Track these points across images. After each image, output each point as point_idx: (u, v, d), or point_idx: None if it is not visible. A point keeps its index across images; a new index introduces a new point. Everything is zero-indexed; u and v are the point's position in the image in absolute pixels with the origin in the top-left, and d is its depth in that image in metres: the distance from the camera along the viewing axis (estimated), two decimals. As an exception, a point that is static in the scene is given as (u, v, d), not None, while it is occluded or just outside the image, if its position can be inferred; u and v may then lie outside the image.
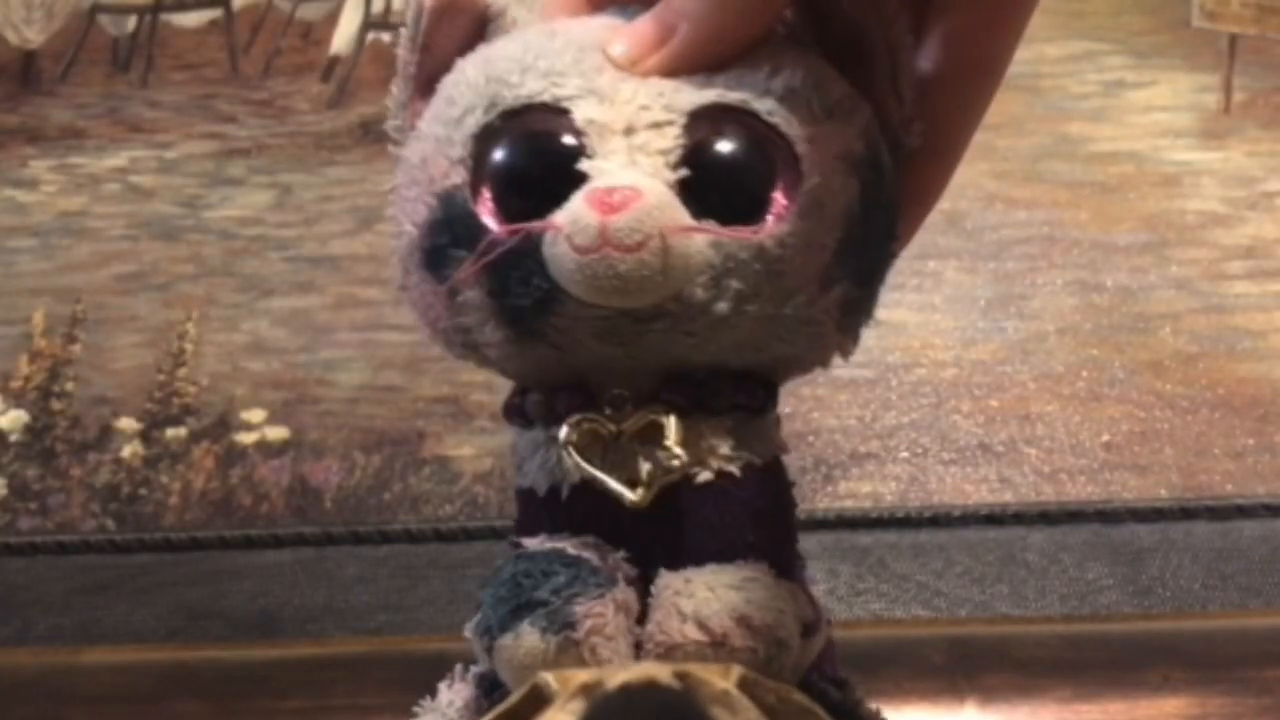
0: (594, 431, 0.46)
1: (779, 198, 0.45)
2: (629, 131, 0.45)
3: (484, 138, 0.46)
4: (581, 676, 0.40)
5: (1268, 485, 1.01)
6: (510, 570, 0.45)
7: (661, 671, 0.40)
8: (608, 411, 0.46)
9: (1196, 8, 1.09)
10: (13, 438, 1.07)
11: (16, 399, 1.08)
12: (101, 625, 1.00)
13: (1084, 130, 1.08)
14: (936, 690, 0.91)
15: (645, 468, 0.45)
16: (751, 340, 0.46)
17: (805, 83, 0.46)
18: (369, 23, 1.14)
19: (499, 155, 0.46)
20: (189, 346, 1.08)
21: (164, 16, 1.15)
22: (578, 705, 0.40)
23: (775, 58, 0.47)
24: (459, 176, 0.46)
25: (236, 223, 1.11)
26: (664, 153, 0.45)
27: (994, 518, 1.01)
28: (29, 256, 1.11)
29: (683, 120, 0.45)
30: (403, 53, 0.49)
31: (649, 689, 0.40)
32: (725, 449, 0.46)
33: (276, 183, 1.11)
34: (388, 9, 1.13)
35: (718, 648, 0.43)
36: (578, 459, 0.45)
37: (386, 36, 1.13)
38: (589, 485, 0.45)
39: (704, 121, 0.46)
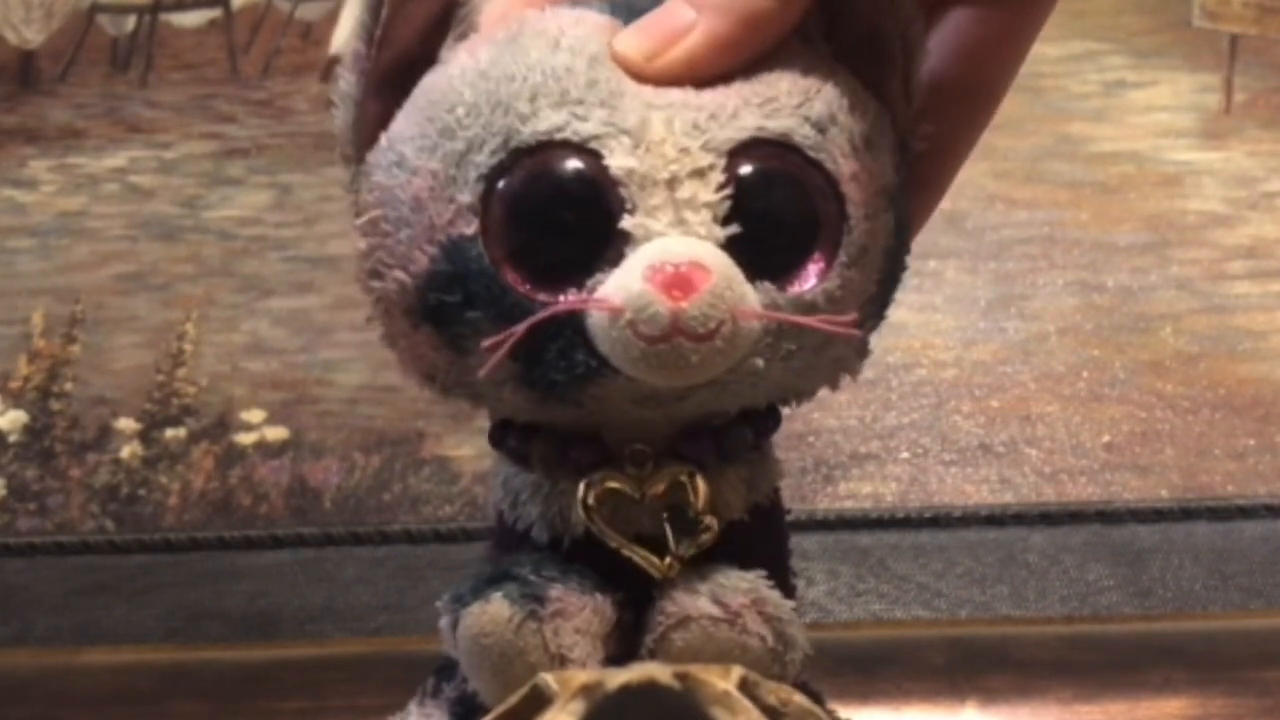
0: (614, 490, 0.43)
1: (824, 245, 0.42)
2: (673, 183, 0.41)
3: (495, 179, 0.41)
4: (581, 677, 0.40)
5: (1269, 486, 1.01)
6: (489, 566, 0.43)
7: (662, 672, 0.40)
8: (627, 469, 0.43)
9: (1197, 8, 1.09)
10: (11, 438, 1.07)
11: (15, 399, 1.08)
12: (100, 626, 1.00)
13: (1085, 130, 1.08)
14: (937, 691, 0.91)
15: (673, 536, 0.43)
16: (785, 386, 0.44)
17: (844, 108, 0.43)
18: (369, 23, 1.14)
19: (520, 204, 0.41)
20: (188, 347, 1.08)
21: (163, 16, 1.15)
22: (578, 706, 0.40)
23: (805, 74, 0.43)
24: (469, 225, 0.41)
25: (236, 223, 1.11)
26: (711, 206, 0.41)
27: (994, 518, 1.01)
28: (28, 257, 1.11)
29: (724, 162, 0.41)
30: (357, 46, 0.45)
31: (649, 690, 0.40)
32: (741, 500, 0.44)
33: (276, 183, 1.11)
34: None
35: (730, 624, 0.41)
36: (604, 528, 0.43)
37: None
38: (594, 538, 0.43)
39: (745, 161, 0.42)
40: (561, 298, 0.41)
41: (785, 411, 0.46)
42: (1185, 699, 0.91)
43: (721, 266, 0.40)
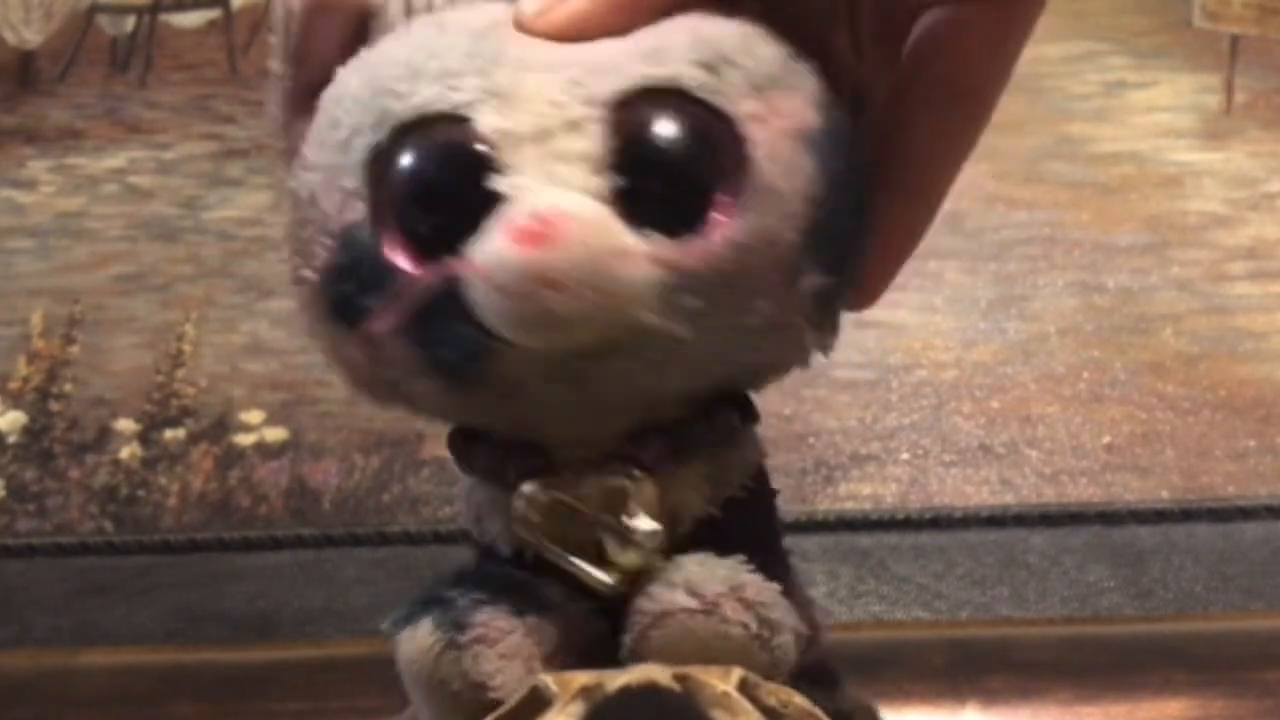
0: (555, 499, 0.41)
1: (725, 192, 0.40)
2: (542, 137, 0.39)
3: (378, 161, 0.40)
4: (581, 679, 0.40)
5: (1269, 486, 1.00)
6: (449, 575, 0.42)
7: (661, 674, 0.40)
8: (567, 477, 0.41)
9: (1198, 8, 1.09)
10: (11, 439, 1.07)
11: (15, 400, 1.08)
12: (100, 627, 1.00)
13: (1085, 131, 1.08)
14: (937, 692, 0.91)
15: (613, 549, 0.41)
16: (717, 356, 0.41)
17: (741, 50, 0.41)
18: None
19: (398, 181, 0.40)
20: (187, 348, 1.08)
21: (162, 17, 1.15)
22: (577, 708, 0.39)
23: (700, 23, 0.41)
24: (356, 211, 0.40)
25: (235, 223, 1.10)
26: (586, 157, 0.39)
27: (995, 519, 1.00)
28: (27, 257, 1.11)
29: (603, 113, 0.40)
30: (275, 65, 0.43)
31: (649, 691, 0.40)
32: (702, 498, 0.42)
33: (275, 183, 1.11)
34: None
35: (708, 615, 0.40)
36: (543, 541, 0.41)
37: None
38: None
39: (629, 111, 0.40)
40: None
41: (785, 413, 0.45)
42: (1186, 700, 0.91)
43: (586, 214, 0.38)
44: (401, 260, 0.40)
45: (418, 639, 0.40)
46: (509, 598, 0.41)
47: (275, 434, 1.05)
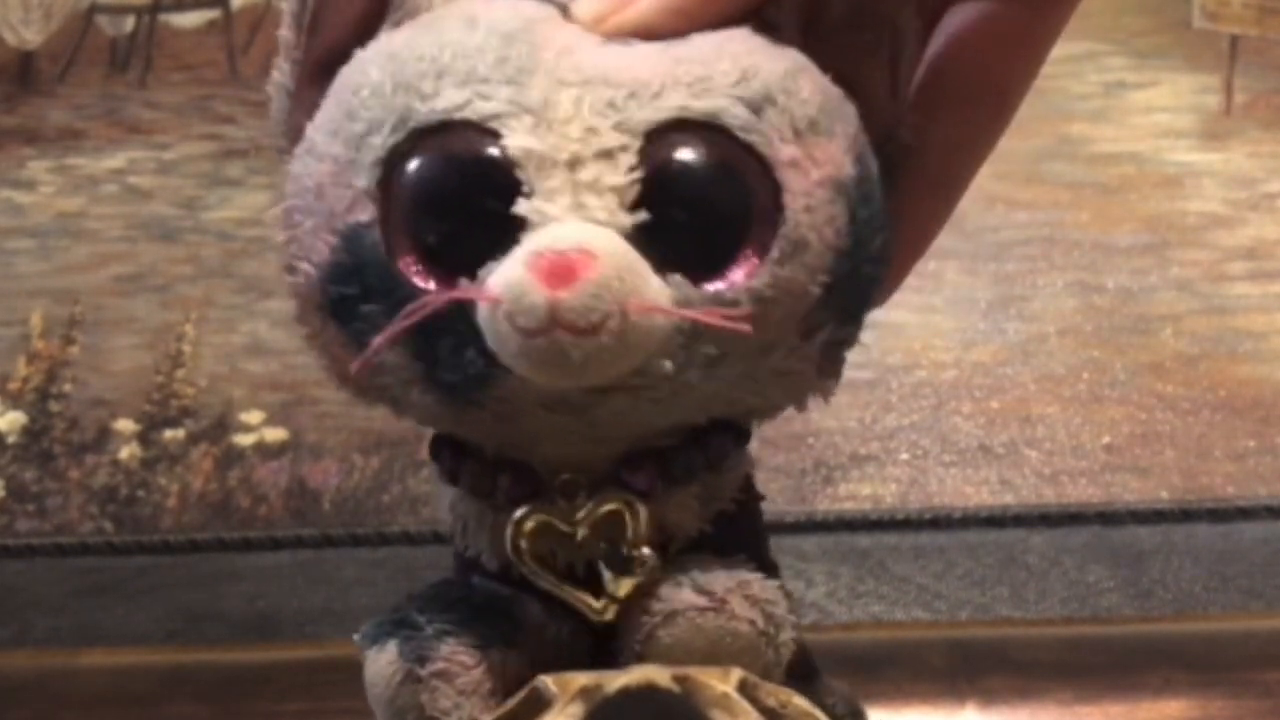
0: (545, 525, 0.40)
1: (755, 238, 0.38)
2: (574, 164, 0.38)
3: (394, 163, 0.39)
4: (581, 680, 0.40)
5: (1269, 487, 1.00)
6: (426, 590, 0.41)
7: (661, 675, 0.40)
8: (559, 501, 0.40)
9: (1197, 8, 1.09)
10: (10, 439, 1.07)
11: (14, 400, 1.08)
12: (100, 627, 1.00)
13: (1085, 131, 1.08)
14: (937, 693, 0.91)
15: (608, 574, 0.40)
16: (721, 398, 0.40)
17: (787, 90, 0.39)
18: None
19: (415, 189, 0.38)
20: (187, 348, 1.08)
21: (162, 17, 1.15)
22: (577, 709, 0.39)
23: (748, 53, 0.39)
24: (365, 212, 0.39)
25: (235, 224, 1.10)
26: (618, 190, 0.38)
27: (994, 520, 1.00)
28: (27, 258, 1.11)
29: (638, 144, 0.38)
30: (286, 34, 0.42)
31: (649, 692, 0.40)
32: (694, 518, 0.41)
33: (275, 184, 1.10)
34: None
35: (717, 612, 0.39)
36: (534, 567, 0.40)
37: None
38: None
39: (664, 144, 0.38)
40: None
41: (785, 413, 0.43)
42: (1185, 700, 0.91)
43: (613, 255, 0.37)
44: (411, 272, 0.38)
45: (381, 663, 0.40)
46: (479, 625, 0.40)
47: (275, 434, 1.05)
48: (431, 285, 0.38)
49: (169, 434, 1.06)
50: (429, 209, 0.39)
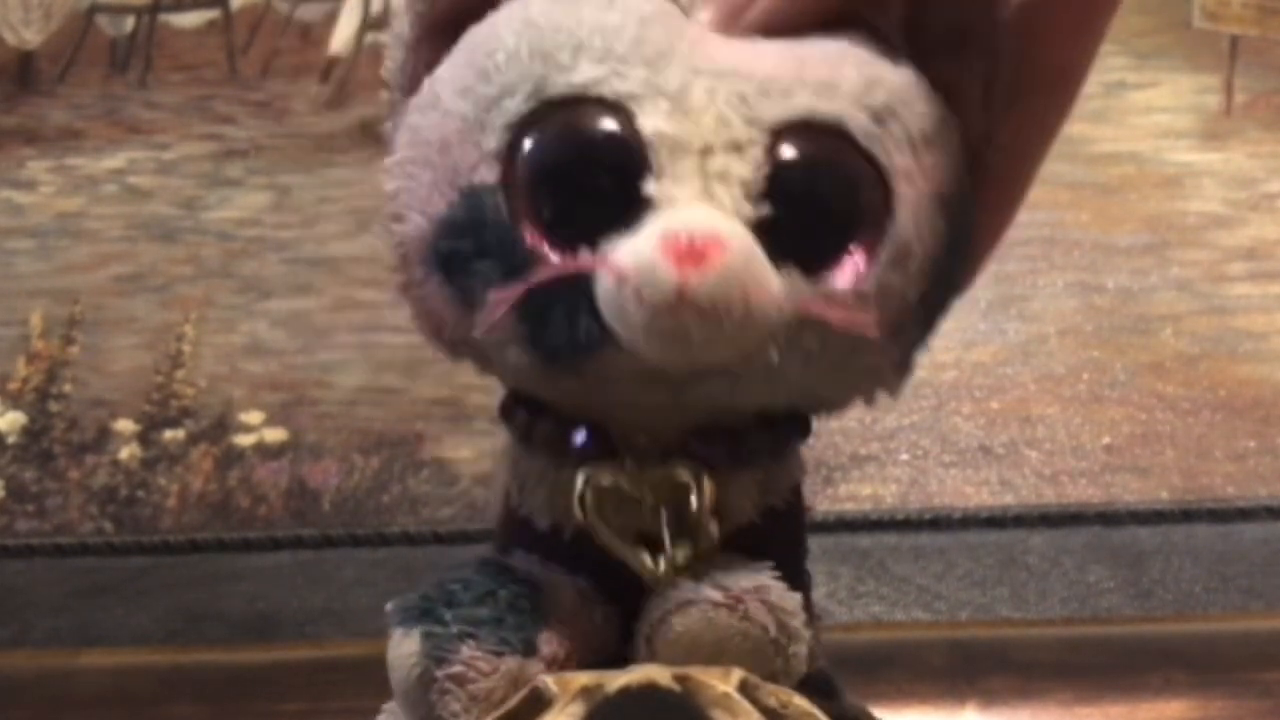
0: (613, 486, 0.41)
1: (865, 242, 0.40)
2: (706, 152, 0.39)
3: (524, 129, 0.40)
4: (582, 679, 0.40)
5: (1269, 487, 1.00)
6: (461, 575, 0.42)
7: (662, 674, 0.40)
8: (628, 464, 0.41)
9: (1198, 9, 1.09)
10: (10, 440, 1.07)
11: (14, 401, 1.08)
12: (99, 628, 0.99)
13: (1085, 131, 1.08)
14: (937, 693, 0.91)
15: (670, 541, 0.40)
16: (807, 390, 0.41)
17: (907, 103, 0.41)
18: (368, 24, 1.14)
19: (544, 156, 0.39)
20: (187, 348, 1.08)
21: (162, 17, 1.15)
22: (577, 708, 0.39)
23: (872, 63, 0.41)
24: (490, 173, 0.40)
25: (235, 224, 1.10)
26: (744, 183, 0.39)
27: (995, 520, 1.00)
28: (27, 258, 1.11)
29: (765, 140, 0.39)
30: None
31: (649, 692, 0.40)
32: (752, 504, 0.42)
33: (275, 184, 1.11)
34: (386, 10, 1.13)
35: (731, 610, 0.40)
36: (598, 523, 0.41)
37: (386, 38, 1.13)
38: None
39: (790, 142, 0.39)
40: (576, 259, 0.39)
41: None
42: (1185, 701, 0.91)
43: (741, 244, 0.38)
44: (532, 238, 0.39)
45: (404, 651, 0.41)
46: (502, 627, 0.41)
47: (275, 435, 1.05)
48: (546, 251, 0.39)
49: (169, 434, 1.06)
50: (555, 178, 0.40)
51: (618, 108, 0.39)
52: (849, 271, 0.40)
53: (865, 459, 1.02)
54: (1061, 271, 1.06)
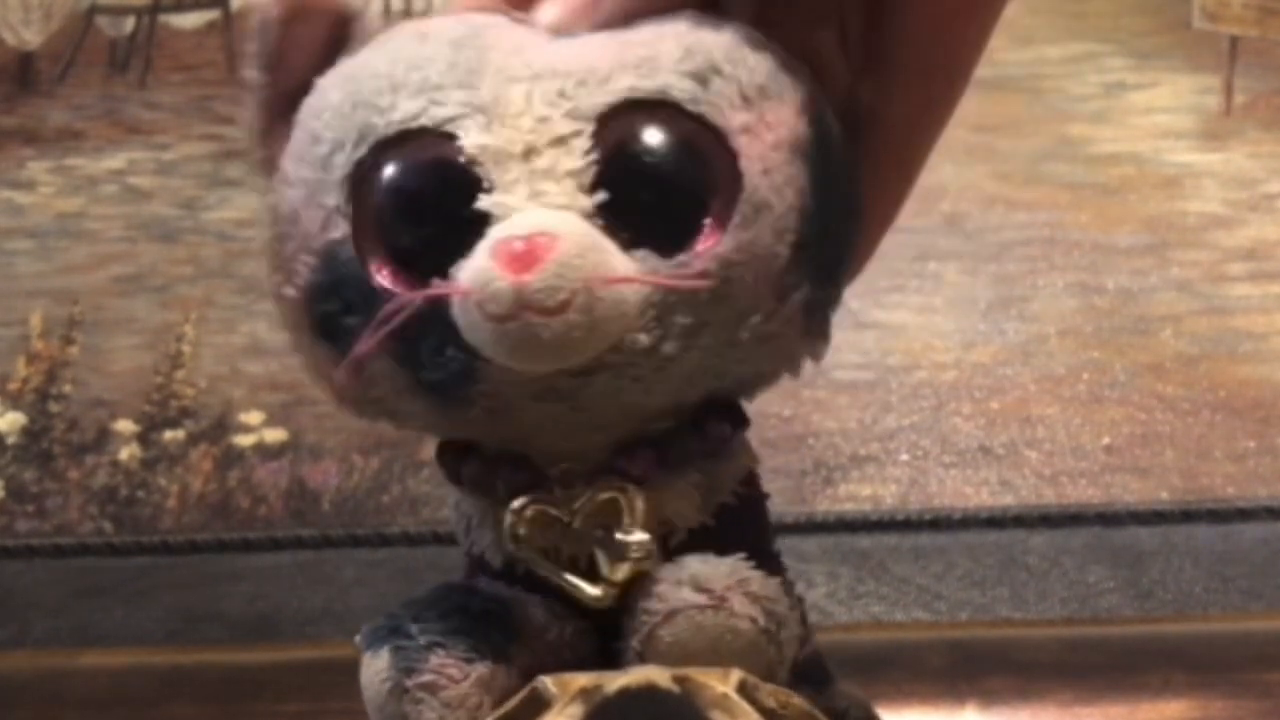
0: (541, 514, 0.41)
1: (716, 206, 0.39)
2: (529, 154, 0.39)
3: (359, 177, 0.40)
4: (580, 680, 0.40)
5: (1269, 488, 1.01)
6: (427, 595, 0.42)
7: (660, 675, 0.40)
8: (557, 491, 0.41)
9: (1197, 9, 1.09)
10: (10, 440, 1.07)
11: (14, 401, 1.08)
12: (99, 628, 1.00)
13: (1085, 132, 1.08)
14: (937, 693, 0.91)
15: (604, 560, 0.40)
16: (707, 370, 0.40)
17: (731, 59, 0.40)
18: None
19: (382, 198, 0.39)
20: (187, 348, 1.08)
21: (162, 18, 1.15)
22: (576, 709, 0.39)
23: (690, 30, 0.41)
24: (338, 229, 0.40)
25: (235, 224, 1.10)
26: (575, 174, 0.39)
27: (994, 520, 1.01)
28: (26, 258, 1.11)
29: (591, 128, 0.39)
30: (251, 75, 0.42)
31: (648, 693, 0.40)
32: (695, 508, 0.42)
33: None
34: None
35: (717, 610, 0.39)
36: (531, 555, 0.41)
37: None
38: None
39: (617, 124, 0.39)
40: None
41: (785, 414, 0.44)
42: (1185, 701, 0.91)
43: (573, 235, 0.38)
44: (386, 279, 0.39)
45: (374, 669, 0.41)
46: (472, 637, 0.40)
47: (275, 435, 1.05)
48: (405, 292, 0.39)
49: (169, 434, 1.06)
50: (397, 216, 0.40)
51: (441, 134, 0.39)
52: (705, 238, 0.39)
53: (865, 459, 1.03)
54: (1061, 272, 1.06)
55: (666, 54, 0.40)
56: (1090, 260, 1.06)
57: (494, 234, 0.38)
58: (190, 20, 1.15)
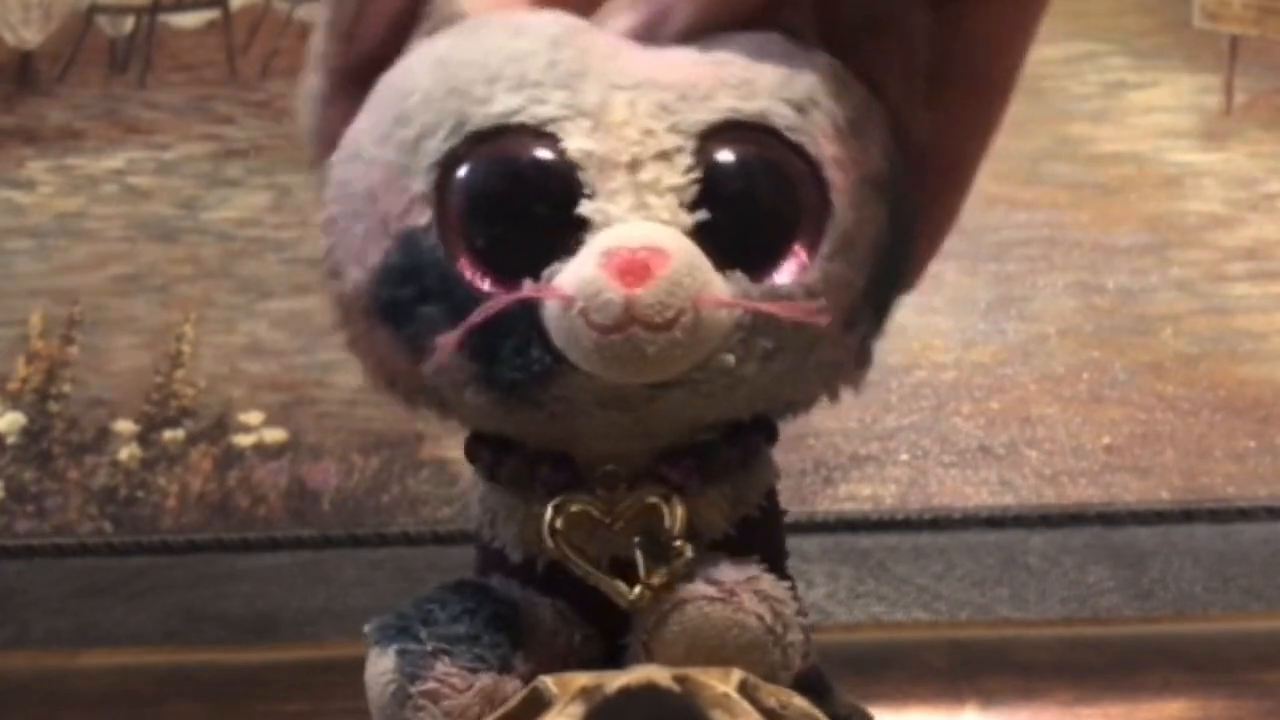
0: (583, 514, 0.41)
1: (807, 235, 0.40)
2: (634, 165, 0.39)
3: (449, 166, 0.39)
4: (581, 680, 0.40)
5: (1269, 487, 1.01)
6: (439, 594, 0.41)
7: (661, 675, 0.40)
8: (598, 491, 0.41)
9: (1197, 9, 1.09)
10: (10, 440, 1.07)
11: (14, 401, 1.08)
12: (99, 628, 1.00)
13: (1085, 131, 1.08)
14: (937, 693, 0.91)
15: (644, 563, 0.40)
16: (770, 392, 0.41)
17: (826, 91, 0.40)
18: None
19: (474, 191, 0.39)
20: (186, 348, 1.08)
21: (162, 17, 1.15)
22: (577, 709, 0.39)
23: (786, 59, 0.41)
24: (422, 216, 0.39)
25: (234, 224, 1.10)
26: (677, 190, 0.39)
27: (995, 520, 1.00)
28: (26, 258, 1.11)
29: (693, 145, 0.39)
30: (321, 44, 0.42)
31: (648, 692, 0.40)
32: (723, 518, 0.42)
33: (274, 184, 1.11)
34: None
35: (725, 602, 0.40)
36: (569, 553, 0.41)
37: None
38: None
39: (718, 144, 0.39)
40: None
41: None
42: (1185, 701, 0.91)
43: (682, 252, 0.38)
44: (472, 274, 0.39)
45: (379, 669, 0.41)
46: (478, 645, 0.41)
47: (274, 435, 1.05)
48: (488, 286, 0.39)
49: (168, 434, 1.06)
50: (489, 212, 0.39)
51: (541, 133, 0.39)
52: (794, 266, 0.39)
53: (865, 459, 1.02)
54: (1061, 272, 1.06)
55: (765, 79, 0.40)
56: (1090, 260, 1.06)
57: (600, 243, 0.38)
58: (190, 20, 1.15)
